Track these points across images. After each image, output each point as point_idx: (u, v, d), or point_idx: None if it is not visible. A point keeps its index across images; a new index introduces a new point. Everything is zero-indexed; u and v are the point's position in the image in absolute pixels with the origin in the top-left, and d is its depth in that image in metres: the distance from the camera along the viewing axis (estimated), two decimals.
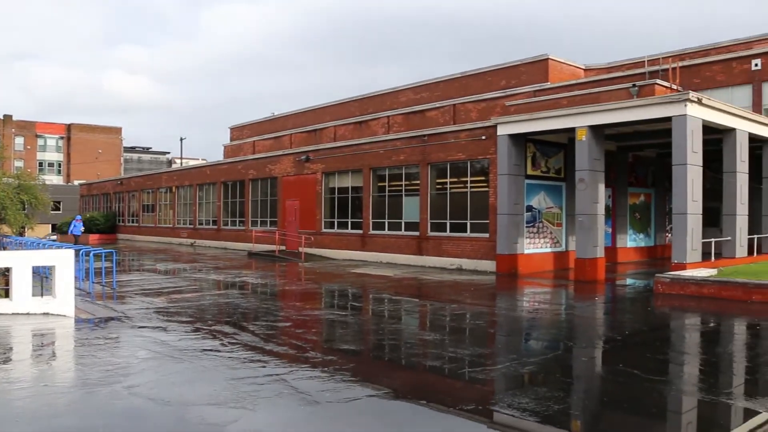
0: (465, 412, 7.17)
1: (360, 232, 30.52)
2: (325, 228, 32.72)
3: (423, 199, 27.32)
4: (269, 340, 11.11)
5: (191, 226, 45.73)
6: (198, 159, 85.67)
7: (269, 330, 12.20)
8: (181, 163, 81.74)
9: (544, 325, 13.78)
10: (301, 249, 31.42)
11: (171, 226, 48.44)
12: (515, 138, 23.15)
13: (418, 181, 27.59)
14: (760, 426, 6.92)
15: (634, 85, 21.59)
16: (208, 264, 28.22)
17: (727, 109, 20.68)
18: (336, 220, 32.32)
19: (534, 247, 24.12)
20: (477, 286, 19.74)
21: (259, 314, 14.40)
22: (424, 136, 27.46)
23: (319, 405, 7.34)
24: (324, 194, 32.92)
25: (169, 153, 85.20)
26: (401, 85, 43.36)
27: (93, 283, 17.68)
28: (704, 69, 31.98)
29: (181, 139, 78.19)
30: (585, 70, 38.69)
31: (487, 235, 24.48)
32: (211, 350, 10.15)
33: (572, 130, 21.50)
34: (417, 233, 27.53)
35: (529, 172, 23.96)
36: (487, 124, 24.47)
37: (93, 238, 48.50)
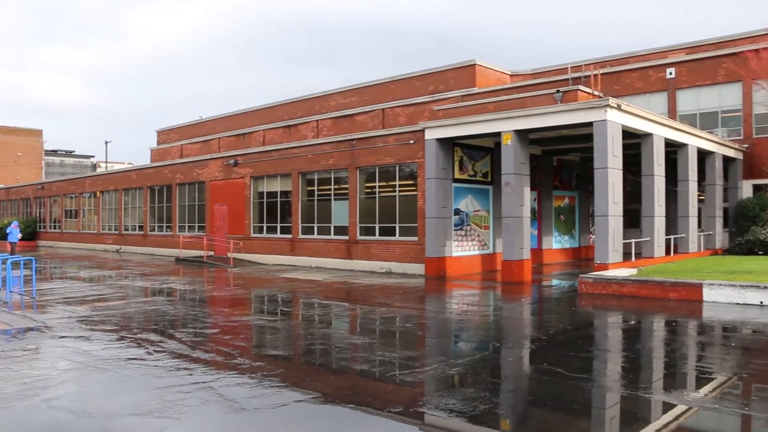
0: (393, 415, 7.19)
1: (289, 236, 30.35)
2: (254, 233, 32.40)
3: (352, 203, 27.34)
4: (196, 347, 10.93)
5: (117, 232, 44.63)
6: (124, 163, 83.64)
7: (196, 337, 12.00)
8: (107, 167, 79.66)
9: (472, 326, 13.97)
10: (229, 254, 31.05)
11: (95, 232, 47.18)
12: (443, 142, 23.43)
13: (347, 185, 27.61)
14: (677, 418, 7.18)
15: (558, 91, 22.11)
16: (134, 270, 27.58)
17: (644, 115, 21.39)
18: (265, 225, 32.05)
19: (462, 249, 24.43)
20: (406, 290, 19.86)
21: (186, 321, 14.15)
22: (353, 140, 27.50)
23: (247, 412, 7.26)
24: (253, 199, 32.60)
25: (93, 157, 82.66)
26: (331, 90, 43.37)
27: (10, 292, 17.06)
28: (624, 76, 33.07)
29: (106, 143, 75.96)
30: (511, 75, 39.47)
31: (415, 238, 24.68)
32: (136, 359, 9.93)
33: (499, 134, 21.89)
34: (346, 237, 27.53)
35: (457, 175, 24.27)
36: (415, 128, 24.68)
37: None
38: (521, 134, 21.49)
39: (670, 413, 7.34)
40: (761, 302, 15.15)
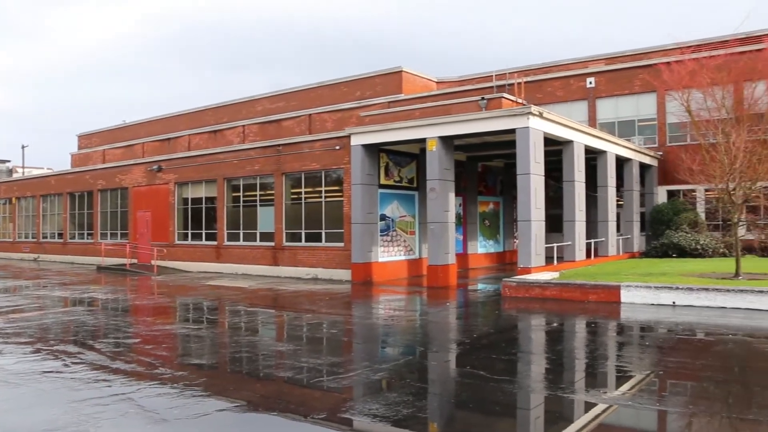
0: (318, 421, 7.17)
1: (215, 243, 29.93)
2: (178, 240, 31.82)
3: (278, 209, 27.16)
4: (116, 358, 10.66)
5: (34, 240, 43.14)
6: (43, 168, 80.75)
7: (117, 347, 11.70)
8: (23, 173, 76.82)
9: (398, 331, 14.04)
10: (153, 262, 30.41)
11: (11, 240, 45.49)
12: (369, 148, 23.51)
13: (273, 191, 27.42)
14: (598, 416, 7.38)
15: (482, 98, 22.45)
16: (53, 280, 26.69)
17: (565, 123, 21.94)
18: (190, 232, 31.52)
19: (388, 255, 24.54)
20: (332, 295, 19.83)
21: (107, 331, 13.77)
22: (279, 145, 27.34)
23: (167, 423, 7.11)
24: (177, 205, 32.02)
25: (9, 161, 79.73)
26: (258, 94, 43.00)
27: None
28: (546, 85, 33.87)
29: (23, 147, 73.38)
30: (437, 82, 39.91)
31: (342, 244, 24.68)
32: (52, 372, 9.60)
33: (424, 140, 22.09)
34: (272, 244, 27.33)
35: (383, 181, 24.39)
36: (341, 134, 24.71)
37: None
38: (446, 140, 21.75)
39: (591, 412, 7.54)
40: (674, 302, 15.74)
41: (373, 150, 23.76)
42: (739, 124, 19.67)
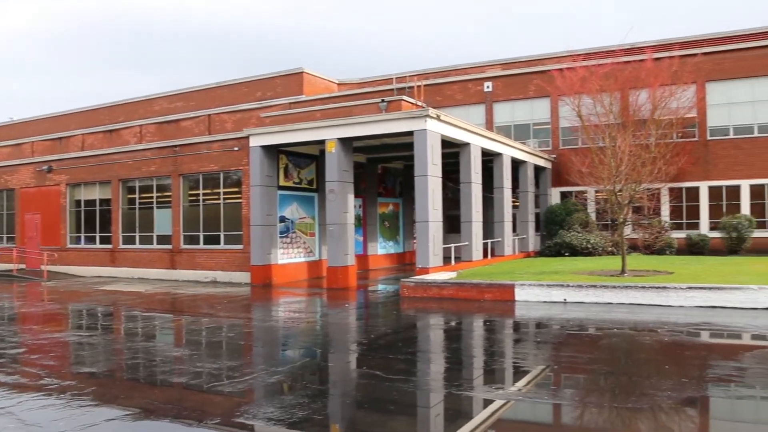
0: (211, 426, 7.07)
1: (109, 246, 28.99)
2: (70, 243, 30.64)
3: (175, 212, 26.58)
4: None
5: None
6: None
7: None
8: None
9: (296, 333, 13.99)
10: (43, 267, 29.13)
11: None
12: (268, 149, 23.32)
13: (170, 193, 26.81)
14: (496, 411, 7.57)
15: (383, 101, 22.63)
16: None
17: (462, 126, 22.41)
18: (83, 235, 30.40)
19: (288, 257, 24.40)
20: (231, 299, 19.57)
21: None
22: (176, 146, 26.75)
23: None
24: (69, 207, 30.83)
25: None
26: (155, 94, 41.98)
27: None
28: (445, 88, 34.50)
29: None
30: (339, 84, 40.02)
31: (241, 246, 24.39)
32: None
33: (324, 142, 22.09)
34: (170, 246, 26.70)
35: (282, 183, 24.24)
36: (240, 135, 24.41)
37: None
38: (345, 142, 21.83)
39: (489, 408, 7.73)
40: (565, 299, 16.35)
41: (273, 151, 23.58)
42: (625, 130, 20.61)
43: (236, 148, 24.44)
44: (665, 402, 7.51)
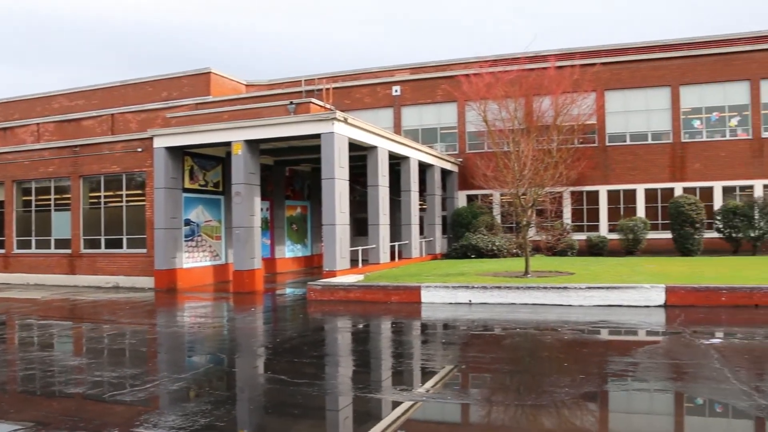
0: None
1: (2, 251, 27.72)
2: None
3: (75, 215, 25.65)
4: None
5: None
6: None
7: None
8: None
9: (201, 339, 13.70)
10: None
11: None
12: (173, 151, 22.81)
13: (69, 195, 25.84)
14: (405, 412, 7.59)
15: (291, 103, 22.52)
16: None
17: (369, 129, 22.52)
18: None
19: (193, 261, 23.93)
20: (134, 304, 19.01)
21: None
22: (77, 146, 25.83)
23: None
24: None
25: None
26: (54, 91, 40.39)
27: None
28: (355, 91, 34.62)
29: None
30: (247, 86, 39.59)
31: (144, 250, 23.76)
32: None
33: (231, 144, 21.78)
34: (69, 251, 25.75)
35: (187, 185, 23.76)
36: (144, 135, 23.79)
37: None
38: (252, 144, 21.59)
39: (398, 409, 7.73)
40: (470, 301, 16.65)
41: (178, 153, 23.07)
42: (529, 135, 21.17)
43: (140, 149, 23.79)
44: (565, 398, 7.76)
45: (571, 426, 7.08)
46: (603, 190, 31.64)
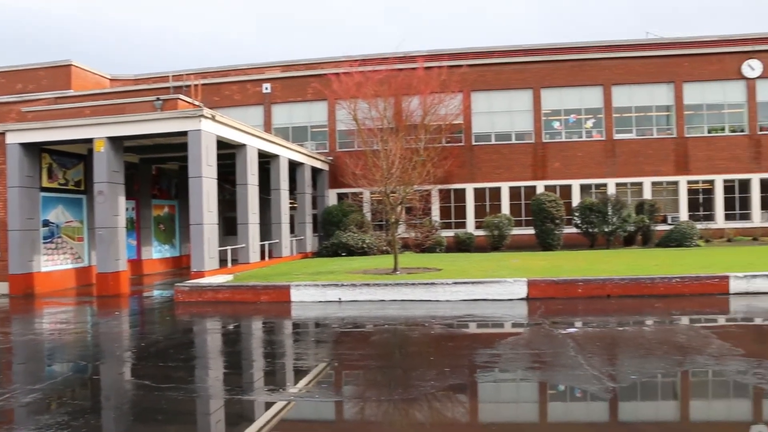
0: None
1: None
2: None
3: None
4: None
5: None
6: None
7: None
8: None
9: (60, 346, 13.07)
10: None
11: None
12: (29, 147, 21.62)
13: None
14: (279, 413, 7.57)
15: (158, 99, 21.87)
16: None
17: (238, 126, 22.23)
18: None
19: (53, 264, 22.79)
20: None
21: None
22: None
23: None
24: None
25: None
26: None
27: None
28: (224, 88, 34.07)
29: None
30: (111, 80, 38.08)
31: None
32: None
33: (93, 140, 20.91)
34: None
35: (45, 184, 22.59)
36: None
37: None
38: (115, 141, 20.81)
39: (271, 410, 7.69)
40: (340, 298, 16.79)
41: (35, 150, 21.88)
42: (397, 134, 21.60)
43: None
44: (434, 390, 8.00)
45: (440, 417, 7.31)
46: (470, 188, 32.68)
